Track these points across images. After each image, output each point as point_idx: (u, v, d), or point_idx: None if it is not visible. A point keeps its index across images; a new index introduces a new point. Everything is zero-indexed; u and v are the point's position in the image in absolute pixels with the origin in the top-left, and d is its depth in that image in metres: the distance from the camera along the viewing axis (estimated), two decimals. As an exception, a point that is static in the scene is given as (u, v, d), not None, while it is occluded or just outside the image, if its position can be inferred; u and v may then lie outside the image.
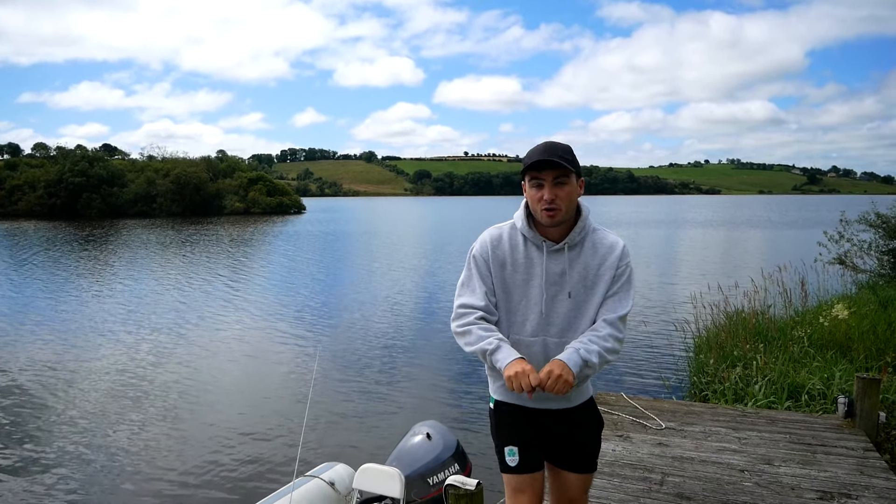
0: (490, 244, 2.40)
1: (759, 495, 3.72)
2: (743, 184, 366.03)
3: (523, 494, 2.41)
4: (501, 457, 2.45)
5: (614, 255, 2.37)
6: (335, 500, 4.59)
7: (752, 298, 8.93)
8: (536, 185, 2.29)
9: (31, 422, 7.41)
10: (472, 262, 2.42)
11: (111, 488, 5.77)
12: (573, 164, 2.28)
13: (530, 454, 2.42)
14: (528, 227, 2.37)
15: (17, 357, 10.39)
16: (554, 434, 2.47)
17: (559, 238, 2.36)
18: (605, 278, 2.37)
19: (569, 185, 2.28)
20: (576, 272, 2.36)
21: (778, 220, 60.40)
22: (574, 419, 2.46)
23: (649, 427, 4.94)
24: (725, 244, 33.39)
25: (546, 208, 2.27)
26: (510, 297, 2.39)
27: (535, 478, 2.41)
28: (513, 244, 2.39)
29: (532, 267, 2.37)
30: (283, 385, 8.93)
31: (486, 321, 2.35)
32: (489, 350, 2.27)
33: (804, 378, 6.28)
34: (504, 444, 2.44)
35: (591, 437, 2.50)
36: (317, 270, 22.84)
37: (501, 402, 2.49)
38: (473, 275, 2.40)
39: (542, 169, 2.26)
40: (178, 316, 13.89)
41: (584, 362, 2.22)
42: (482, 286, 2.38)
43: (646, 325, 11.07)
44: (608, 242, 2.40)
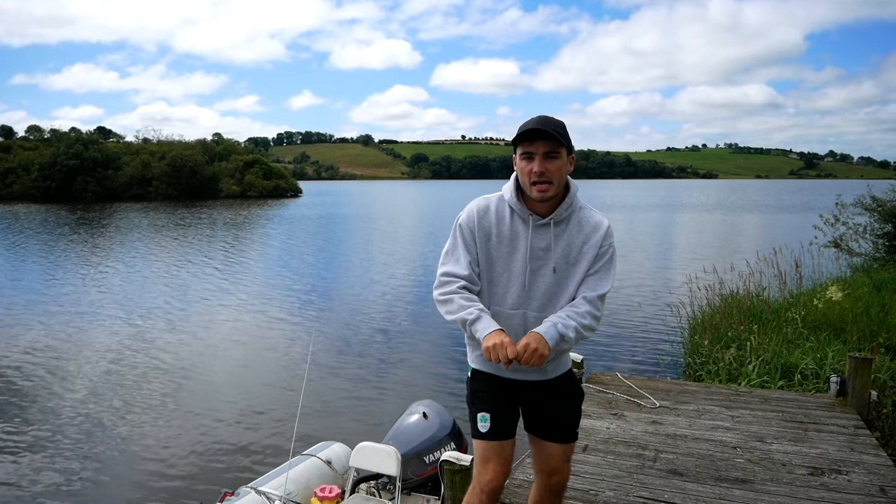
0: (477, 214, 2.39)
1: (751, 471, 3.77)
2: (740, 168, 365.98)
3: (490, 462, 2.43)
4: (474, 423, 2.47)
5: (599, 234, 2.39)
6: (332, 479, 4.64)
7: (747, 280, 8.97)
8: (527, 158, 2.28)
9: (25, 405, 7.44)
10: (458, 231, 2.41)
11: (108, 468, 5.81)
12: (566, 138, 2.27)
13: (502, 421, 2.44)
14: (516, 199, 2.36)
15: (12, 339, 10.41)
16: (532, 404, 2.50)
17: (546, 213, 2.36)
18: (588, 256, 2.38)
19: (560, 160, 2.27)
20: (560, 248, 2.37)
21: (774, 204, 60.48)
22: (551, 390, 2.49)
23: (643, 406, 4.99)
24: (721, 228, 33.45)
25: (536, 181, 2.26)
26: (493, 269, 2.40)
27: (503, 446, 2.44)
28: (499, 216, 2.39)
29: (517, 240, 2.37)
30: (280, 365, 8.98)
31: (468, 290, 2.36)
32: (469, 320, 2.27)
33: (797, 358, 6.34)
34: (477, 410, 2.47)
35: (570, 407, 2.54)
36: (313, 254, 22.84)
37: (478, 370, 2.52)
38: (458, 244, 2.40)
39: (535, 140, 2.25)
40: (174, 299, 13.90)
41: (560, 336, 2.25)
42: (466, 256, 2.38)
43: (641, 307, 11.15)
44: (594, 221, 2.41)
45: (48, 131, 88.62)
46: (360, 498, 4.30)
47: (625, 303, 12.47)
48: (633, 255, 21.34)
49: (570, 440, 2.54)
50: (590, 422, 4.63)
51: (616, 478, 3.71)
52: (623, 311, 11.76)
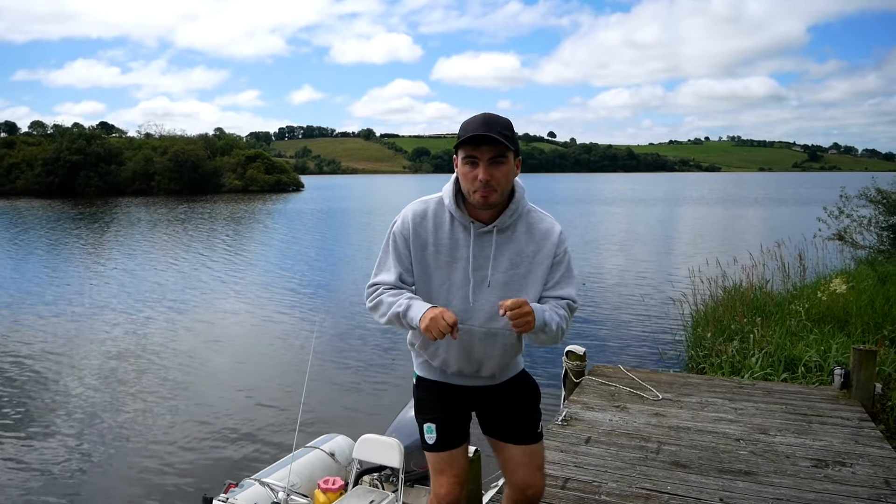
0: (412, 221, 2.19)
1: (755, 463, 3.77)
2: (743, 161, 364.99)
3: (443, 475, 2.31)
4: (421, 434, 2.35)
5: (550, 242, 2.19)
6: (335, 471, 4.64)
7: (750, 273, 8.95)
8: (470, 163, 2.06)
9: (29, 397, 7.46)
10: (391, 241, 2.22)
11: (111, 460, 5.83)
12: (512, 141, 2.06)
13: (449, 431, 2.31)
14: (455, 205, 2.15)
15: (16, 333, 10.43)
16: (485, 407, 2.38)
17: (489, 220, 2.15)
18: (543, 266, 2.18)
19: (506, 165, 2.06)
20: (505, 257, 2.17)
21: (777, 197, 60.32)
22: (503, 393, 2.36)
23: (646, 398, 4.98)
24: (724, 221, 33.38)
25: (480, 189, 2.05)
26: (430, 281, 2.20)
27: (453, 456, 2.31)
28: (437, 222, 2.18)
29: (456, 249, 2.17)
30: (282, 358, 8.99)
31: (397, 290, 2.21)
32: (401, 312, 2.10)
33: (801, 351, 6.32)
34: (423, 420, 2.35)
35: (525, 407, 2.38)
36: (315, 247, 22.85)
37: (423, 378, 2.40)
38: (390, 255, 2.22)
39: (479, 145, 2.02)
40: (177, 292, 13.91)
41: (544, 323, 2.06)
42: (397, 267, 2.20)
43: (643, 300, 11.13)
44: (544, 228, 2.20)
45: (51, 127, 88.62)
46: (363, 490, 4.30)
47: (627, 295, 12.45)
48: (635, 248, 21.31)
49: (532, 441, 2.37)
50: (592, 414, 4.63)
51: (619, 469, 3.71)
52: (625, 304, 11.75)
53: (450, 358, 2.27)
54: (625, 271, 16.12)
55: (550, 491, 3.46)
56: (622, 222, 33.05)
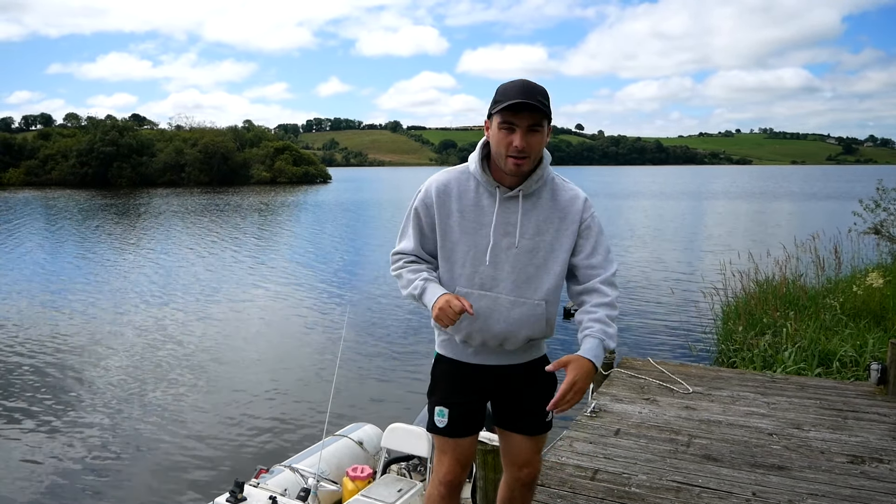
0: (435, 191, 2.19)
1: (788, 458, 3.71)
2: (775, 154, 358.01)
3: (445, 456, 2.32)
4: (431, 414, 2.34)
5: (576, 209, 2.18)
6: (364, 459, 4.68)
7: (783, 266, 8.77)
8: (507, 129, 2.04)
9: (62, 385, 7.64)
10: (412, 213, 2.24)
11: (144, 447, 5.95)
12: (549, 108, 2.05)
13: (461, 419, 2.29)
14: (481, 170, 2.15)
15: (50, 321, 10.69)
16: (500, 397, 2.34)
17: (514, 185, 2.14)
18: (569, 233, 2.17)
19: (542, 133, 2.06)
20: (531, 223, 2.15)
21: (811, 191, 59.07)
22: (521, 377, 2.31)
23: (676, 391, 4.93)
24: (756, 215, 32.80)
25: (514, 155, 2.05)
26: (456, 248, 2.19)
27: (459, 443, 2.31)
28: (461, 190, 2.18)
29: (482, 215, 2.16)
30: (312, 348, 9.09)
31: (417, 263, 2.24)
32: (416, 295, 2.16)
33: (836, 345, 6.20)
34: (436, 403, 2.33)
35: (540, 396, 2.29)
36: (344, 238, 23.01)
37: (443, 356, 2.37)
38: (410, 223, 2.25)
39: (519, 112, 2.01)
40: (208, 282, 14.12)
41: (604, 351, 2.09)
42: (417, 233, 2.23)
43: (673, 293, 10.99)
44: (569, 195, 2.19)
45: (85, 119, 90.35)
46: (391, 478, 4.33)
47: (656, 288, 12.33)
48: (664, 241, 21.07)
49: (541, 432, 2.36)
50: (622, 406, 4.60)
51: (649, 462, 3.68)
52: (655, 297, 11.63)
53: (473, 330, 2.21)
54: (654, 264, 15.94)
55: (579, 482, 3.45)
56: (652, 216, 32.67)
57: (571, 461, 3.70)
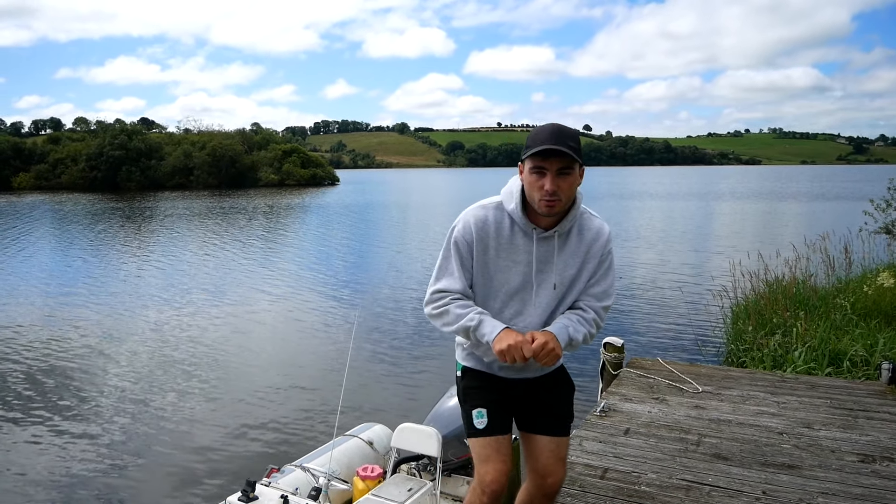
0: (475, 226, 2.24)
1: (798, 457, 3.70)
2: (785, 154, 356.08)
3: (489, 462, 2.32)
4: (469, 420, 2.37)
5: (599, 243, 2.29)
6: (374, 459, 4.70)
7: (793, 266, 8.74)
8: (538, 173, 2.13)
9: (73, 386, 7.71)
10: (453, 246, 2.27)
11: (156, 447, 6.00)
12: (579, 153, 2.13)
13: (498, 417, 2.35)
14: (520, 212, 2.22)
15: (61, 322, 10.78)
16: (525, 401, 2.42)
17: (549, 225, 2.23)
18: (590, 266, 2.29)
19: (572, 176, 2.13)
20: (562, 261, 2.27)
21: (821, 191, 58.73)
22: (545, 385, 2.42)
23: (686, 391, 4.92)
24: (766, 215, 32.65)
25: (546, 199, 2.13)
26: (490, 283, 2.28)
27: (500, 442, 2.34)
28: (498, 227, 2.25)
29: (516, 253, 2.25)
30: (322, 349, 9.13)
31: (463, 302, 2.27)
32: (472, 326, 2.19)
33: (846, 345, 6.17)
34: (472, 406, 2.37)
35: (561, 398, 2.45)
36: (353, 239, 23.07)
37: (469, 368, 2.44)
38: (452, 258, 2.27)
39: (549, 157, 2.09)
40: (218, 282, 14.20)
41: (569, 340, 2.20)
42: (461, 270, 2.26)
43: (682, 293, 10.96)
44: (594, 228, 2.30)
45: (94, 123, 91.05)
46: (401, 478, 4.35)
47: (665, 289, 12.30)
48: (673, 241, 21.01)
49: (563, 433, 2.43)
50: (631, 405, 4.60)
51: (658, 461, 3.69)
52: (664, 298, 11.61)
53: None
54: (663, 264, 15.91)
55: (589, 480, 3.46)
56: (660, 216, 32.58)
57: (581, 460, 3.71)
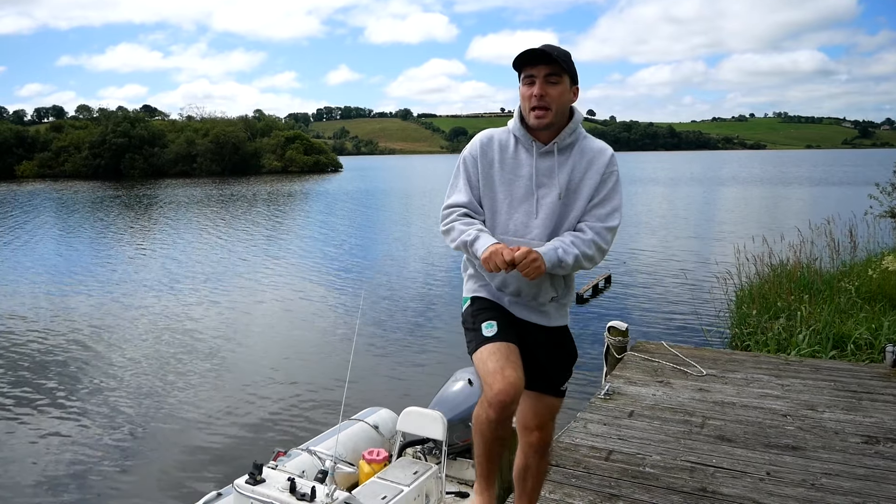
0: (480, 145, 2.37)
1: (802, 439, 3.72)
2: (790, 138, 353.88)
3: (497, 373, 2.18)
4: (478, 332, 2.32)
5: (602, 161, 2.30)
6: (379, 443, 4.74)
7: (797, 250, 8.72)
8: (528, 82, 2.24)
9: (78, 374, 7.77)
10: (462, 164, 2.39)
11: (164, 431, 6.05)
12: (568, 64, 2.22)
13: (508, 329, 2.34)
14: (520, 126, 2.32)
15: (64, 311, 10.83)
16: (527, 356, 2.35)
17: (549, 140, 2.31)
18: (591, 183, 2.29)
19: (561, 85, 2.22)
20: (564, 174, 2.30)
21: (825, 175, 58.42)
22: (547, 341, 2.43)
23: (690, 374, 4.94)
24: (770, 200, 32.52)
25: (535, 106, 2.22)
26: (495, 196, 2.35)
27: (510, 349, 2.26)
28: (502, 145, 2.35)
29: (519, 167, 2.32)
30: (328, 334, 9.17)
31: (469, 217, 2.33)
32: (468, 241, 2.24)
33: (850, 328, 6.18)
34: (482, 320, 2.34)
35: (561, 359, 2.47)
36: (357, 225, 23.08)
37: (478, 297, 2.45)
38: (460, 174, 2.38)
39: (535, 63, 2.20)
40: (223, 269, 14.24)
41: (558, 260, 2.19)
42: (467, 185, 2.36)
43: (686, 277, 10.97)
44: (597, 147, 2.33)
45: (97, 111, 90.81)
46: (407, 461, 4.38)
47: (669, 273, 12.29)
48: (677, 226, 20.97)
49: (556, 395, 2.46)
50: (635, 388, 4.62)
51: (663, 443, 3.70)
52: (668, 282, 11.60)
53: (508, 276, 2.33)
54: (667, 249, 15.89)
55: (594, 462, 3.48)
56: (665, 201, 32.49)
57: (586, 442, 3.74)
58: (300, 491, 3.27)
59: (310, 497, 3.22)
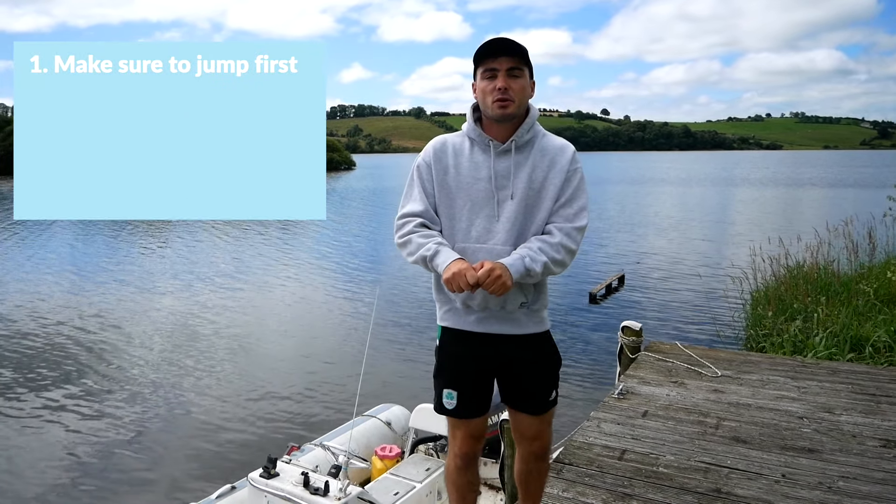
0: (433, 151, 2.29)
1: (819, 441, 3.68)
2: (807, 138, 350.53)
3: (458, 431, 2.41)
4: (440, 396, 2.37)
5: (564, 158, 2.23)
6: (391, 439, 4.76)
7: (814, 252, 8.64)
8: (489, 76, 2.16)
9: (95, 369, 7.85)
10: (415, 171, 2.30)
11: (178, 424, 6.11)
12: (527, 57, 2.18)
13: (470, 401, 2.34)
14: (474, 125, 2.26)
15: (81, 307, 10.95)
16: (503, 375, 2.36)
17: (506, 138, 2.22)
18: (555, 182, 2.21)
19: (522, 79, 2.17)
20: (523, 174, 2.21)
21: (843, 176, 57.78)
22: (526, 351, 2.32)
23: (704, 374, 4.90)
24: (786, 201, 32.24)
25: (498, 98, 2.14)
26: (453, 203, 2.25)
27: (468, 423, 2.39)
28: (457, 149, 2.27)
29: (477, 169, 2.23)
30: (342, 331, 9.22)
31: (427, 228, 2.25)
32: (428, 256, 2.15)
33: (869, 331, 6.11)
34: (442, 385, 2.36)
35: (541, 372, 2.35)
36: (372, 222, 23.15)
37: (447, 328, 2.38)
38: (414, 183, 2.30)
39: (497, 55, 2.14)
40: (238, 265, 14.33)
41: (526, 271, 2.10)
42: (422, 193, 2.27)
43: (701, 278, 10.91)
44: (558, 145, 2.27)
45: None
46: (419, 458, 4.40)
47: (684, 273, 12.22)
48: (692, 227, 20.84)
49: (545, 411, 2.40)
50: (649, 388, 4.59)
51: (677, 443, 3.68)
52: (682, 282, 11.54)
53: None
54: (681, 249, 15.80)
55: (608, 462, 3.47)
56: (679, 202, 32.30)
57: (599, 441, 3.72)
58: (314, 485, 3.29)
59: (323, 491, 3.24)
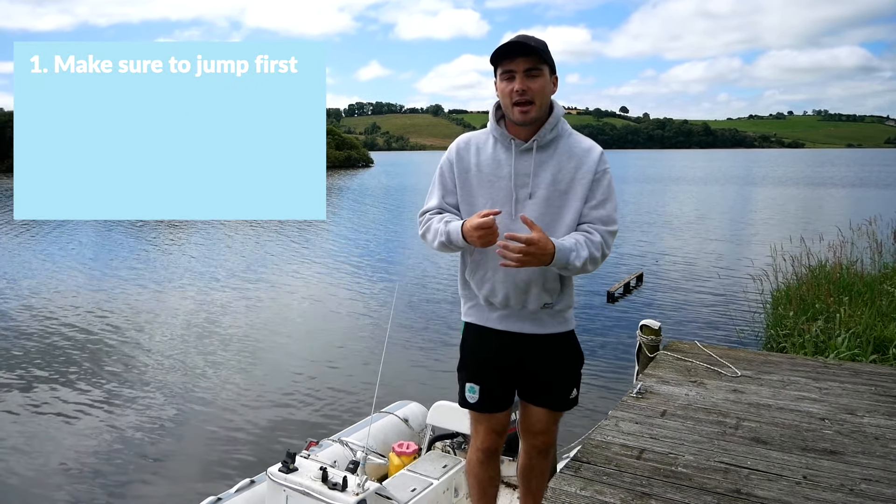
0: (456, 149, 2.30)
1: (841, 443, 3.63)
2: (830, 137, 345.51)
3: (480, 426, 2.45)
4: (462, 390, 2.40)
5: (591, 159, 2.20)
6: (409, 436, 4.78)
7: (837, 251, 8.52)
8: (507, 78, 2.13)
9: (113, 366, 7.95)
10: (438, 170, 2.33)
11: (198, 419, 6.17)
12: (547, 54, 2.13)
13: (492, 396, 2.36)
14: (496, 125, 2.24)
15: (99, 304, 11.09)
16: (526, 372, 2.36)
17: (529, 137, 2.21)
18: (583, 183, 2.19)
19: (542, 78, 2.13)
20: (547, 173, 2.19)
21: (868, 175, 56.89)
22: (548, 351, 2.33)
23: (724, 374, 4.86)
24: (809, 199, 31.82)
25: (518, 101, 2.12)
26: (475, 202, 2.25)
27: (492, 416, 2.41)
28: (479, 147, 2.27)
29: (499, 168, 2.22)
30: (361, 327, 9.27)
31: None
32: (442, 229, 2.19)
33: (893, 332, 6.02)
34: (466, 379, 2.40)
35: (563, 370, 2.37)
36: (391, 219, 23.22)
37: (471, 324, 2.38)
38: (436, 182, 2.33)
39: (514, 56, 2.10)
40: (257, 261, 14.43)
41: (566, 263, 2.09)
42: (440, 191, 2.31)
43: (720, 277, 10.80)
44: (585, 146, 2.24)
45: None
46: (436, 455, 4.41)
47: (703, 272, 12.12)
48: (712, 225, 20.65)
49: (564, 409, 2.42)
50: (668, 388, 4.56)
51: (696, 443, 3.65)
52: (702, 281, 11.44)
53: (496, 283, 2.26)
54: (701, 248, 15.67)
55: (626, 461, 3.46)
56: (699, 200, 32.02)
57: (617, 440, 3.70)
58: (332, 480, 3.32)
59: (341, 486, 3.27)
